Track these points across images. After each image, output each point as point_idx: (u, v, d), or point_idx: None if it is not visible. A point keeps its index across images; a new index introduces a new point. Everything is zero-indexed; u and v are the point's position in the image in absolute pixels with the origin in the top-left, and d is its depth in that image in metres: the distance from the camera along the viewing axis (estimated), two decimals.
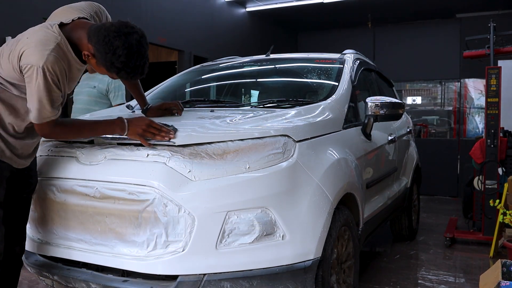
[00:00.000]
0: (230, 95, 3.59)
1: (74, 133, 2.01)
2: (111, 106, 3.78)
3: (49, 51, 1.79)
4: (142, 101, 2.46)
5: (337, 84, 2.86)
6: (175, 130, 1.95)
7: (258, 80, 3.62)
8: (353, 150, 2.59)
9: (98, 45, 1.80)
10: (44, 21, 1.97)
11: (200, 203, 1.85)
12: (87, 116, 2.64)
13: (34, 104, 1.84)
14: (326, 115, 2.46)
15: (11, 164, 1.98)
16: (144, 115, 2.34)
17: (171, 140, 1.93)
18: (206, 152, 1.92)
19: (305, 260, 1.93)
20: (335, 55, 3.36)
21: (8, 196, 2.02)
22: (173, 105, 2.41)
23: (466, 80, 7.76)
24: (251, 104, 3.06)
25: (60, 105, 1.92)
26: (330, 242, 2.08)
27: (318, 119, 2.37)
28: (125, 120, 1.95)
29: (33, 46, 1.80)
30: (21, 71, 1.83)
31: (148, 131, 1.93)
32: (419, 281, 3.33)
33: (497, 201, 3.69)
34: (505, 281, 2.29)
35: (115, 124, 1.96)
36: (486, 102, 4.26)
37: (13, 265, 2.18)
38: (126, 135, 1.96)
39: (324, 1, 6.88)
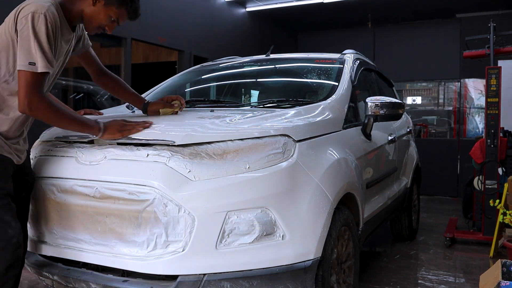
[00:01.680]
0: (230, 95, 3.59)
1: (56, 116, 1.92)
2: None
3: (49, 4, 1.86)
4: (136, 99, 2.48)
5: (337, 84, 2.86)
6: (150, 122, 2.03)
7: (258, 80, 3.62)
8: (353, 150, 2.59)
9: None
10: None
11: (200, 203, 1.85)
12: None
13: (31, 49, 1.79)
14: (326, 115, 2.46)
15: (13, 160, 1.97)
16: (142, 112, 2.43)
17: (171, 139, 1.94)
18: (206, 152, 1.92)
19: (305, 260, 1.93)
20: (335, 55, 3.36)
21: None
22: (174, 98, 2.44)
23: (466, 80, 7.76)
24: (251, 104, 3.06)
25: (50, 74, 1.92)
26: (330, 242, 2.08)
27: (318, 119, 2.37)
28: (102, 124, 2.00)
29: (32, 2, 1.85)
30: (16, 30, 1.82)
31: (124, 130, 2.00)
32: (419, 281, 3.33)
33: (497, 201, 3.69)
34: (505, 281, 2.29)
35: (93, 126, 1.99)
36: (486, 102, 4.27)
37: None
38: (99, 137, 2.02)
39: (324, 1, 6.88)
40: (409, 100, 8.47)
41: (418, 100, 8.49)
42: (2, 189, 1.90)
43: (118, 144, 2.04)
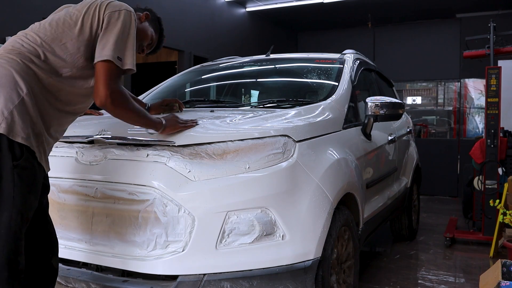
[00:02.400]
0: (230, 95, 3.59)
1: (132, 112, 1.86)
2: None
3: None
4: (138, 104, 2.46)
5: (337, 84, 2.86)
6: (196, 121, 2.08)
7: (258, 80, 3.62)
8: (353, 150, 2.59)
9: (152, 14, 2.14)
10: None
11: (200, 203, 1.85)
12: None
13: (121, 44, 1.76)
14: (326, 115, 2.46)
15: (45, 169, 1.78)
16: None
17: (171, 139, 1.94)
18: (206, 152, 1.93)
19: (305, 260, 1.93)
20: (335, 55, 3.36)
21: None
22: (173, 101, 2.48)
23: (466, 80, 7.76)
24: (251, 104, 3.06)
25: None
26: (330, 242, 2.08)
27: (318, 119, 2.37)
28: (163, 120, 1.97)
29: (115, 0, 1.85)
30: (99, 22, 1.77)
31: (181, 124, 2.00)
32: (419, 281, 3.33)
33: (497, 201, 3.69)
34: (505, 281, 2.29)
35: (157, 123, 1.95)
36: (486, 102, 4.27)
37: (48, 280, 1.90)
38: (160, 132, 1.97)
39: (324, 1, 6.88)
40: (409, 100, 8.47)
41: (418, 100, 8.49)
42: (31, 209, 1.67)
43: (118, 144, 2.04)
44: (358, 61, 3.32)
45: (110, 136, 2.04)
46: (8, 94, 1.61)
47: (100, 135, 2.06)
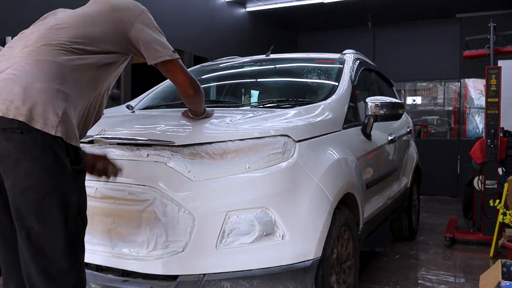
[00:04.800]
0: (230, 95, 3.59)
1: (202, 96, 1.99)
2: None
3: None
4: None
5: (337, 84, 2.86)
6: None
7: (258, 80, 3.62)
8: (353, 150, 2.59)
9: None
10: None
11: (200, 203, 1.85)
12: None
13: (163, 40, 1.76)
14: (326, 115, 2.46)
15: None
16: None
17: (171, 140, 1.94)
18: (206, 152, 1.93)
19: (305, 260, 1.93)
20: (335, 55, 3.36)
21: None
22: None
23: (466, 80, 7.76)
24: (251, 104, 3.06)
25: None
26: (330, 242, 2.08)
27: (318, 119, 2.37)
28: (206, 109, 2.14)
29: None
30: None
31: (211, 114, 2.18)
32: (419, 281, 3.33)
33: (497, 201, 3.69)
34: (505, 281, 2.29)
35: (204, 109, 2.12)
36: (486, 102, 4.27)
37: None
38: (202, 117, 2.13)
39: (324, 1, 6.87)
40: (409, 100, 8.46)
41: (418, 100, 8.48)
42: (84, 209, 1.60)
43: (118, 144, 2.04)
44: (358, 61, 3.32)
45: (110, 136, 2.04)
46: (57, 92, 1.48)
47: (100, 135, 2.06)
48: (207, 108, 2.17)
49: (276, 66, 3.49)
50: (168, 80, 3.50)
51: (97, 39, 1.64)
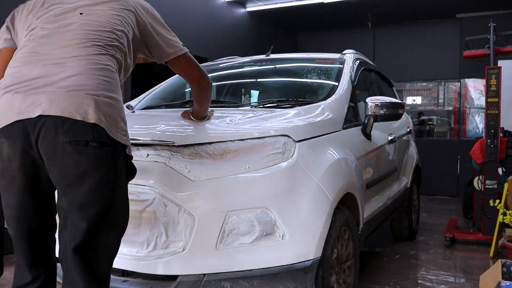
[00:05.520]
0: (230, 95, 3.59)
1: (212, 86, 2.00)
2: None
3: None
4: None
5: (337, 84, 2.86)
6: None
7: (258, 80, 3.62)
8: (353, 150, 2.59)
9: None
10: None
11: (200, 203, 1.85)
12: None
13: (172, 34, 1.84)
14: (326, 115, 2.46)
15: None
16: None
17: (171, 140, 1.94)
18: (206, 152, 1.92)
19: (305, 260, 1.93)
20: (335, 55, 3.36)
21: None
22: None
23: (466, 80, 7.75)
24: (251, 104, 3.06)
25: None
26: (330, 242, 2.08)
27: (318, 119, 2.37)
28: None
29: None
30: (143, 21, 1.74)
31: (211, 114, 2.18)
32: (419, 281, 3.33)
33: (497, 201, 3.69)
34: (505, 281, 2.29)
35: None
36: (486, 102, 4.26)
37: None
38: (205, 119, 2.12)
39: (324, 1, 6.87)
40: (409, 100, 8.46)
41: (418, 100, 8.48)
42: None
43: None
44: (358, 61, 3.32)
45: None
46: (119, 93, 1.52)
47: None
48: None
49: (276, 66, 3.49)
50: (168, 80, 3.51)
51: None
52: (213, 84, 3.65)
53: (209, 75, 1.96)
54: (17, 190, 1.48)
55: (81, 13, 1.58)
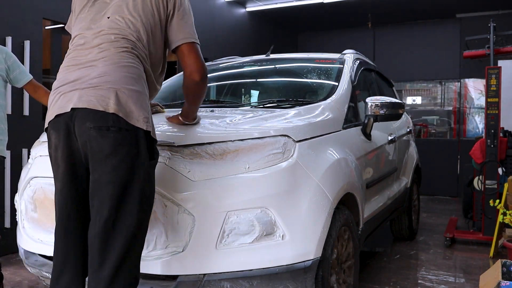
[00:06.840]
0: (230, 95, 3.59)
1: (206, 87, 1.99)
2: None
3: None
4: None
5: (337, 84, 2.86)
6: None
7: (258, 80, 3.62)
8: (353, 150, 2.59)
9: None
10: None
11: (200, 203, 1.85)
12: None
13: (193, 26, 1.90)
14: (326, 115, 2.46)
15: None
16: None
17: (171, 140, 1.94)
18: (206, 152, 1.92)
19: (305, 260, 1.93)
20: (335, 55, 3.36)
21: None
22: (155, 105, 2.45)
23: (466, 80, 7.76)
24: (251, 104, 3.06)
25: None
26: (330, 242, 2.08)
27: (318, 119, 2.37)
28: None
29: None
30: (166, 8, 1.85)
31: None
32: (419, 281, 3.33)
33: (497, 201, 3.69)
34: (505, 281, 2.29)
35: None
36: (486, 102, 4.27)
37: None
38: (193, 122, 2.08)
39: (324, 1, 6.87)
40: (409, 100, 8.46)
41: (418, 100, 8.48)
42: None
43: None
44: (358, 61, 3.32)
45: None
46: (142, 86, 1.70)
47: None
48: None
49: (276, 66, 3.49)
50: (168, 80, 3.51)
51: None
52: (213, 84, 3.67)
53: (209, 75, 1.95)
54: (59, 177, 1.71)
55: (108, 17, 1.79)
